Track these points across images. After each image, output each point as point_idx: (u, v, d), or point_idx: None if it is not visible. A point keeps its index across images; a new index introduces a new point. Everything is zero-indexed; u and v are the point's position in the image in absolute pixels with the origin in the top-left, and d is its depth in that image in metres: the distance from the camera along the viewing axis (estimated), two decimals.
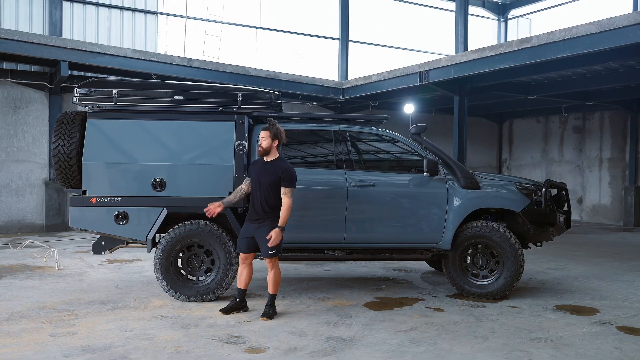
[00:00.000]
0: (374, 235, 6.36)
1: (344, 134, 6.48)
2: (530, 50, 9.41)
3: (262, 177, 5.51)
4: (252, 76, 12.93)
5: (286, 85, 13.56)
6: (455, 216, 6.30)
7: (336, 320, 5.43)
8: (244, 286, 5.70)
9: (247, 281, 5.71)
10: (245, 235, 5.60)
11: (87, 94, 6.18)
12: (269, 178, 5.47)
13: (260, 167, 5.58)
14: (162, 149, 6.11)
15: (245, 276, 5.68)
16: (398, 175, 6.54)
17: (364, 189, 6.27)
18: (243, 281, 5.68)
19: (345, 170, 6.33)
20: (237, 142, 6.15)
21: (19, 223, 12.19)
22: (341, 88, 14.46)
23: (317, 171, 6.45)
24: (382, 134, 6.62)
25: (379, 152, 6.89)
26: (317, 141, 6.72)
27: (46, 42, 10.98)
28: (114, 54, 11.51)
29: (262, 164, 5.59)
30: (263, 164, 5.58)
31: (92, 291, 6.57)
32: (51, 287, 6.75)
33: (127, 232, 6.11)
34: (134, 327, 5.12)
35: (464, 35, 15.05)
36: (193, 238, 6.08)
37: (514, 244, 6.26)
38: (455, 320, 5.51)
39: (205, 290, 6.08)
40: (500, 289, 6.28)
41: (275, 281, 5.57)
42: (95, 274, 7.61)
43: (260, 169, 5.57)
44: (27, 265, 8.28)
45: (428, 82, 11.68)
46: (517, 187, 6.54)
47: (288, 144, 6.44)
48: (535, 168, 17.95)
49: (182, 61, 12.24)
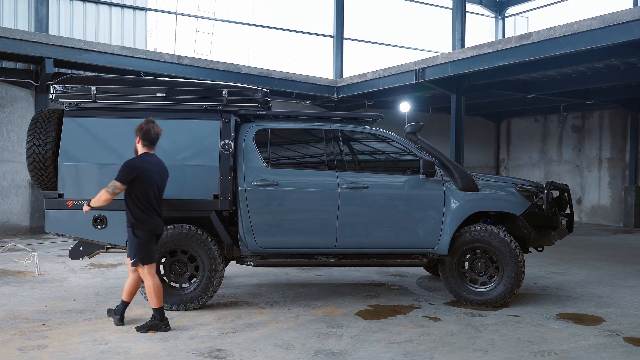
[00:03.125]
0: (367, 240, 6.04)
1: (336, 133, 6.15)
2: (530, 47, 9.11)
3: None
4: (244, 74, 12.61)
5: (279, 83, 13.24)
6: (453, 220, 5.98)
7: (326, 331, 5.11)
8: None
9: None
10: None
11: (64, 91, 5.86)
12: None
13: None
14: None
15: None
16: (393, 176, 6.22)
17: (356, 191, 5.95)
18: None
19: (337, 171, 6.00)
20: (222, 142, 5.82)
21: (3, 225, 11.82)
22: (336, 86, 14.14)
23: (308, 172, 6.13)
24: (375, 133, 6.30)
25: (373, 152, 6.56)
26: (308, 141, 6.39)
27: (30, 39, 10.62)
28: (101, 50, 11.16)
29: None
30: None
31: (71, 299, 6.23)
32: (28, 295, 6.41)
33: (106, 237, 5.78)
34: (109, 340, 4.79)
35: (461, 32, 14.75)
36: (176, 243, 5.75)
37: (514, 248, 5.95)
38: (453, 330, 5.19)
39: (189, 298, 5.75)
40: (500, 296, 5.97)
41: (149, 293, 5.08)
42: (77, 280, 7.27)
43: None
44: (6, 270, 7.93)
45: (424, 80, 11.38)
46: (517, 189, 6.22)
47: (277, 143, 6.11)
48: (534, 168, 17.65)
49: (172, 58, 11.90)
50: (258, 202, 5.88)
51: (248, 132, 6.06)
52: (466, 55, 10.27)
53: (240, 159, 5.94)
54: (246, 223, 5.85)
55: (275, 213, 5.96)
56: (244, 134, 6.04)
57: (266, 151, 6.01)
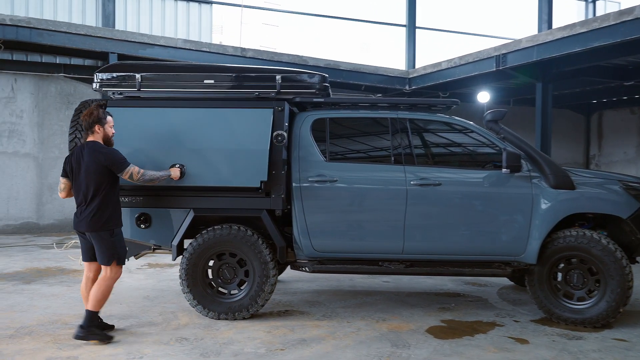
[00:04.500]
0: (439, 245, 5.22)
1: (404, 122, 5.37)
2: (631, 24, 7.91)
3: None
4: (310, 66, 12.01)
5: (347, 75, 12.56)
6: (543, 223, 5.05)
7: (390, 352, 4.36)
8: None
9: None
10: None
11: (108, 80, 5.45)
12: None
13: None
14: (188, 141, 5.22)
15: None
16: (470, 171, 5.35)
17: (427, 189, 5.15)
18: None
19: (405, 165, 5.23)
20: (275, 133, 5.20)
21: (72, 221, 11.83)
22: (407, 77, 13.28)
23: (371, 167, 5.38)
24: (450, 122, 5.46)
25: (447, 143, 5.70)
26: (372, 131, 5.64)
27: (94, 34, 10.55)
28: (164, 44, 10.95)
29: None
30: None
31: (117, 302, 5.83)
32: (75, 296, 6.08)
33: (150, 237, 5.31)
34: (145, 353, 4.28)
35: (548, 13, 13.42)
36: (224, 245, 5.18)
37: (619, 258, 4.94)
38: (545, 357, 4.29)
39: (238, 306, 5.16)
40: (601, 315, 4.98)
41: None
42: (129, 281, 6.91)
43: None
44: (63, 268, 7.74)
45: (505, 67, 10.31)
46: (622, 187, 5.19)
47: (337, 134, 5.42)
48: (630, 165, 15.93)
49: (236, 51, 11.50)
50: (314, 200, 5.21)
51: (304, 122, 5.41)
52: (555, 37, 9.14)
53: (295, 151, 5.30)
54: (301, 224, 5.20)
55: (333, 212, 5.26)
56: (300, 124, 5.40)
57: (324, 143, 5.34)
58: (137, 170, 4.63)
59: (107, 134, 4.67)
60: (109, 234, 4.51)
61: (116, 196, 4.65)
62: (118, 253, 4.58)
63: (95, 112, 4.60)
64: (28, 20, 10.16)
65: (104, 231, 4.49)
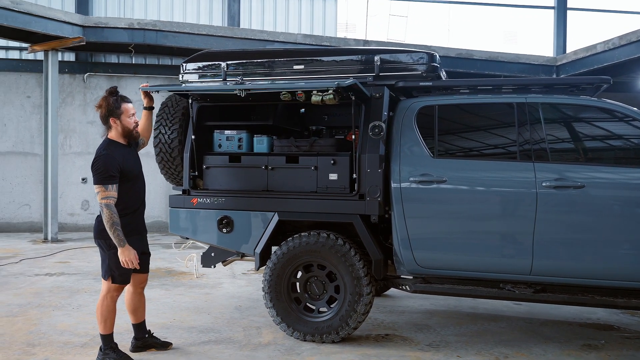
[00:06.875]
0: (581, 265, 3.99)
1: (535, 108, 4.23)
2: None
3: (138, 166, 4.07)
4: (440, 56, 10.89)
5: (482, 65, 11.25)
6: None
7: None
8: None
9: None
10: (145, 250, 4.19)
11: (195, 70, 5.03)
12: (140, 166, 4.10)
13: (127, 154, 3.94)
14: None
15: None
16: (626, 170, 4.07)
17: (565, 192, 3.98)
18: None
19: (535, 162, 4.10)
20: (371, 124, 4.37)
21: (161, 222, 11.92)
22: (555, 65, 11.56)
23: (490, 164, 4.29)
24: (600, 106, 4.21)
25: (593, 134, 4.42)
26: (491, 120, 4.56)
27: (215, 33, 10.50)
28: (283, 40, 10.58)
29: (125, 149, 3.96)
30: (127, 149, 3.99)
31: (206, 311, 5.39)
32: (169, 302, 5.76)
33: (232, 243, 4.76)
34: None
35: None
36: (311, 255, 4.46)
37: None
38: None
39: (326, 327, 4.40)
40: None
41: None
42: (229, 287, 6.49)
43: (128, 155, 3.95)
44: (172, 269, 7.58)
45: None
46: None
47: (447, 125, 4.45)
48: None
49: (357, 44, 10.81)
50: (418, 203, 4.29)
51: (407, 111, 4.50)
52: None
53: (396, 146, 4.41)
54: (402, 232, 4.30)
55: (441, 220, 4.28)
56: (402, 113, 4.50)
57: (431, 135, 4.38)
58: (106, 197, 3.71)
59: (126, 126, 3.86)
60: (106, 246, 3.85)
61: (120, 205, 3.83)
62: (111, 270, 3.85)
63: (105, 103, 3.80)
64: (154, 23, 10.38)
65: (100, 240, 3.88)
